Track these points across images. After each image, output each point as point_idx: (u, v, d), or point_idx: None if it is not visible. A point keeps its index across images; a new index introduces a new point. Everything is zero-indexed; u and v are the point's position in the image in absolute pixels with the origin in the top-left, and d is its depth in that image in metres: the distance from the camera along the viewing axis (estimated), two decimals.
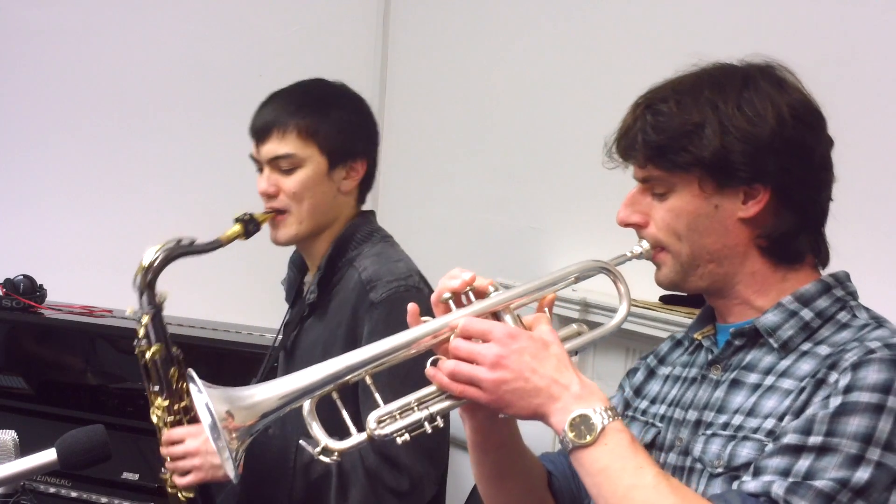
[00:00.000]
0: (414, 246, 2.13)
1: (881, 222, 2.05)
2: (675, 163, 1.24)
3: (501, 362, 1.15)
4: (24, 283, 2.77)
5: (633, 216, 1.31)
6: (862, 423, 1.10)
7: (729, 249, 1.27)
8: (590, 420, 1.13)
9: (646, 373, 1.47)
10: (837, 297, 1.27)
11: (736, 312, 1.31)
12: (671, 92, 1.26)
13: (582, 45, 2.80)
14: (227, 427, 1.13)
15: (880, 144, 2.05)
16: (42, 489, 2.48)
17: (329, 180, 1.92)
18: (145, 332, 1.84)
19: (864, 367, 1.13)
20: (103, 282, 3.03)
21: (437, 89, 3.38)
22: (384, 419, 1.19)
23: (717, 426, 1.25)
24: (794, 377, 1.21)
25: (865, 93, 2.08)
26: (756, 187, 1.24)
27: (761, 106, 1.22)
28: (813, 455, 1.10)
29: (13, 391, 2.69)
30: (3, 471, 1.35)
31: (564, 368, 1.17)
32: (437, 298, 1.25)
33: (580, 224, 2.77)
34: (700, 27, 2.42)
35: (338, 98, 1.97)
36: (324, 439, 1.17)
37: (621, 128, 1.31)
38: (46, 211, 3.22)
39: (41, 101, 3.20)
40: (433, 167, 3.40)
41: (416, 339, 1.21)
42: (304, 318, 1.98)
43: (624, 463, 1.12)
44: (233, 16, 3.39)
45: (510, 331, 1.17)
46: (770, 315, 1.26)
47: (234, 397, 1.15)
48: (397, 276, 1.87)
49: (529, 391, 1.15)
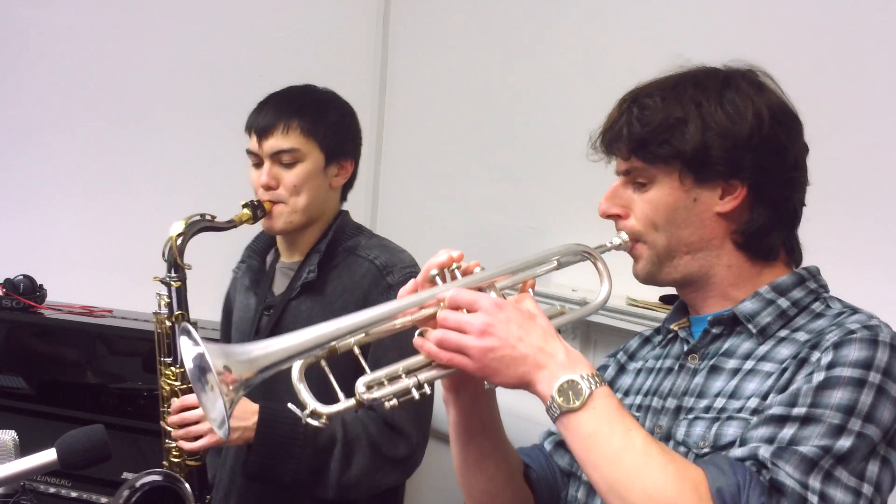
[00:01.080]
0: (414, 246, 2.15)
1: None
2: (657, 155, 1.29)
3: (489, 330, 1.18)
4: (24, 283, 2.77)
5: (614, 208, 1.36)
6: (845, 396, 1.14)
7: (705, 242, 1.31)
8: (577, 385, 1.15)
9: (616, 368, 1.51)
10: (811, 289, 1.32)
11: (710, 304, 1.35)
12: (656, 89, 1.32)
13: (582, 45, 2.80)
14: (225, 380, 1.15)
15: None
16: (42, 489, 2.48)
17: (324, 176, 2.07)
18: (168, 302, 1.97)
19: (845, 345, 1.18)
20: (103, 282, 3.04)
21: (437, 89, 3.38)
22: (373, 385, 1.21)
23: (698, 410, 1.28)
24: (774, 361, 1.24)
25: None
26: (733, 183, 1.28)
27: (742, 105, 1.27)
28: (797, 424, 1.14)
29: (13, 391, 2.69)
30: (3, 471, 1.35)
31: (550, 337, 1.20)
32: (423, 278, 1.28)
33: (580, 224, 2.76)
34: (700, 27, 2.42)
35: (331, 101, 2.13)
36: (312, 403, 1.19)
37: (607, 121, 1.36)
38: (46, 211, 3.22)
39: (41, 101, 3.20)
40: (433, 167, 3.40)
41: (404, 307, 1.24)
42: (290, 299, 2.06)
43: (612, 427, 1.14)
44: (233, 16, 3.39)
45: (497, 301, 1.21)
46: (748, 303, 1.30)
47: (230, 352, 1.18)
48: (408, 263, 2.06)
49: (516, 359, 1.18)
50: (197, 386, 1.20)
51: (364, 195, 3.58)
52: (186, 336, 1.20)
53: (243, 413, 1.86)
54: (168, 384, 1.98)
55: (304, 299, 2.05)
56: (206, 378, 1.18)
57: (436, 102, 3.39)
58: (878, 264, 2.02)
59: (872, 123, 2.05)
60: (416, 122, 3.48)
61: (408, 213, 3.48)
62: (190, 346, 1.20)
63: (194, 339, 1.19)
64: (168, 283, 1.96)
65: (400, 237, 2.15)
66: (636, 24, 2.63)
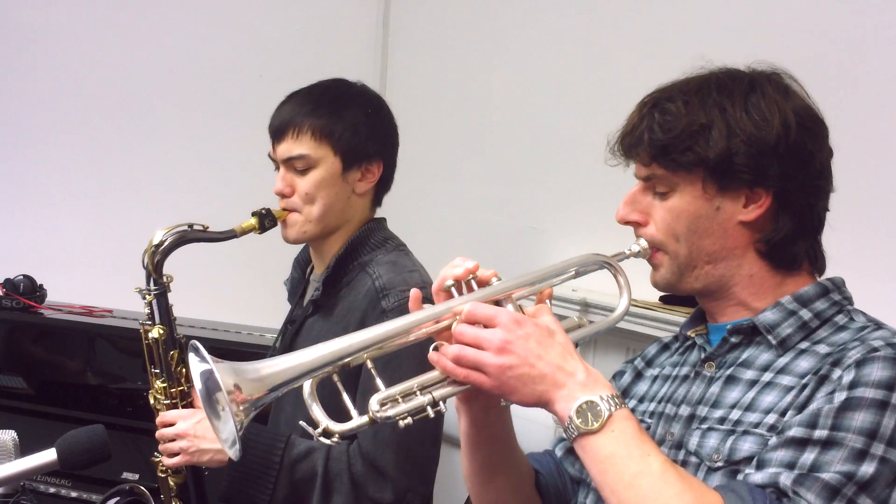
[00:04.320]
0: (414, 246, 2.13)
1: (878, 230, 2.06)
2: (680, 162, 1.25)
3: (507, 347, 1.14)
4: (24, 283, 2.77)
5: (633, 214, 1.32)
6: (867, 419, 1.11)
7: (727, 251, 1.28)
8: (597, 407, 1.12)
9: (633, 375, 1.48)
10: (835, 301, 1.28)
11: (729, 313, 1.32)
12: (679, 92, 1.27)
13: (582, 45, 2.80)
14: (235, 399, 1.11)
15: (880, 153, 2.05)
16: (42, 489, 2.48)
17: (343, 181, 1.92)
18: (149, 313, 1.87)
19: (868, 364, 1.14)
20: (103, 282, 3.04)
21: (437, 89, 3.38)
22: (386, 402, 1.18)
23: (712, 420, 1.25)
24: (793, 374, 1.21)
25: (865, 96, 2.08)
26: (758, 191, 1.25)
27: (768, 111, 1.23)
28: (818, 448, 1.11)
29: (13, 391, 2.68)
30: (3, 471, 1.35)
31: (569, 356, 1.17)
32: (438, 287, 1.25)
33: (580, 224, 2.77)
34: (699, 28, 2.42)
35: (354, 98, 1.96)
36: (324, 421, 1.16)
37: (626, 125, 1.31)
38: (46, 211, 3.22)
39: (41, 100, 3.19)
40: (433, 167, 3.40)
41: (419, 322, 1.21)
42: (306, 317, 1.98)
43: (630, 450, 1.11)
44: (233, 16, 3.39)
45: (516, 317, 1.17)
46: (769, 313, 1.27)
47: (240, 370, 1.14)
48: (411, 284, 1.85)
49: (535, 377, 1.15)
50: (206, 404, 1.16)
51: None
52: (194, 353, 1.17)
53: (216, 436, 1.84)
54: (154, 397, 1.92)
55: (317, 317, 1.96)
56: (216, 397, 1.15)
57: (436, 102, 3.38)
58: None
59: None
60: (416, 121, 3.47)
61: (408, 213, 3.48)
62: (198, 363, 1.16)
63: (202, 357, 1.15)
64: (144, 295, 1.87)
65: (400, 237, 2.12)
66: (636, 25, 2.63)
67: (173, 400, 1.90)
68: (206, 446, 1.81)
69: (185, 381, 1.90)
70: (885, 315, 1.28)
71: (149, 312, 1.88)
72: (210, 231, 1.86)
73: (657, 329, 2.30)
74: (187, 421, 1.84)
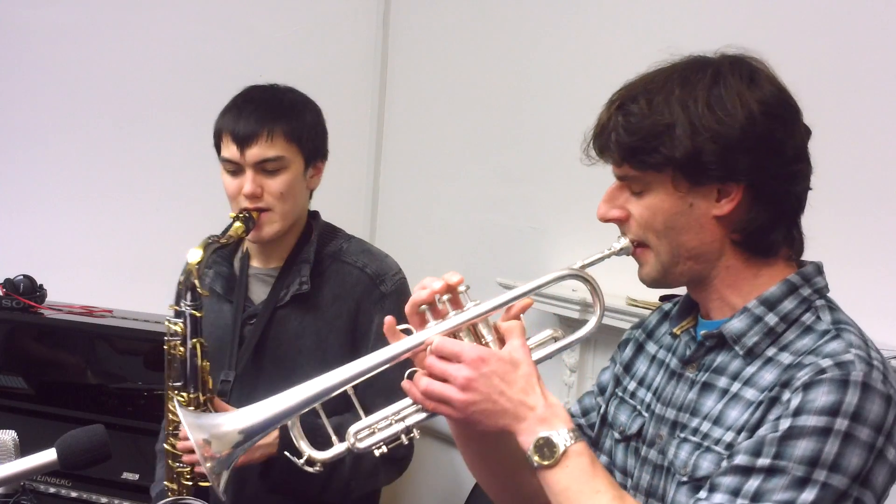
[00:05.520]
0: (414, 246, 2.15)
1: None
2: (648, 163, 1.26)
3: (471, 385, 1.21)
4: (24, 283, 2.77)
5: (612, 211, 1.34)
6: (808, 447, 1.13)
7: (706, 246, 1.29)
8: (552, 442, 1.20)
9: (634, 347, 1.50)
10: (804, 297, 1.28)
11: (714, 308, 1.34)
12: (642, 91, 1.27)
13: (582, 45, 2.80)
14: (205, 454, 1.22)
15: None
16: (42, 489, 2.48)
17: (303, 179, 2.04)
18: (182, 329, 1.89)
19: (814, 387, 1.15)
20: (103, 282, 3.05)
21: (437, 89, 3.38)
22: (362, 433, 1.28)
23: (688, 430, 1.29)
24: (756, 387, 1.23)
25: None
26: (729, 185, 1.25)
27: (731, 104, 1.22)
28: (762, 476, 1.14)
29: (13, 391, 2.69)
30: (3, 471, 1.35)
31: (531, 390, 1.23)
32: (412, 310, 1.29)
33: (580, 224, 2.76)
34: (699, 28, 2.42)
35: (305, 102, 2.08)
36: (307, 450, 1.27)
37: (597, 125, 1.33)
38: (46, 211, 3.22)
39: (41, 101, 3.20)
40: (433, 167, 3.40)
41: (396, 355, 1.28)
42: (276, 308, 2.02)
43: (582, 486, 1.19)
44: (233, 16, 3.39)
45: (481, 353, 1.23)
46: (735, 322, 1.28)
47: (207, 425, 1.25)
48: (395, 269, 2.08)
49: (497, 412, 1.22)
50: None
51: (364, 196, 3.57)
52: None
53: None
54: (172, 411, 1.92)
55: (294, 310, 2.01)
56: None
57: (436, 102, 3.38)
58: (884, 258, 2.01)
59: (880, 113, 2.03)
60: (416, 122, 3.48)
61: (408, 213, 3.48)
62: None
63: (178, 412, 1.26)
64: (183, 311, 1.89)
65: (400, 237, 2.14)
66: (636, 24, 2.63)
67: (204, 409, 1.91)
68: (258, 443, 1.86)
69: (210, 389, 1.93)
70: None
71: (182, 327, 1.89)
72: (220, 238, 1.92)
73: None
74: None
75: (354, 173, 3.55)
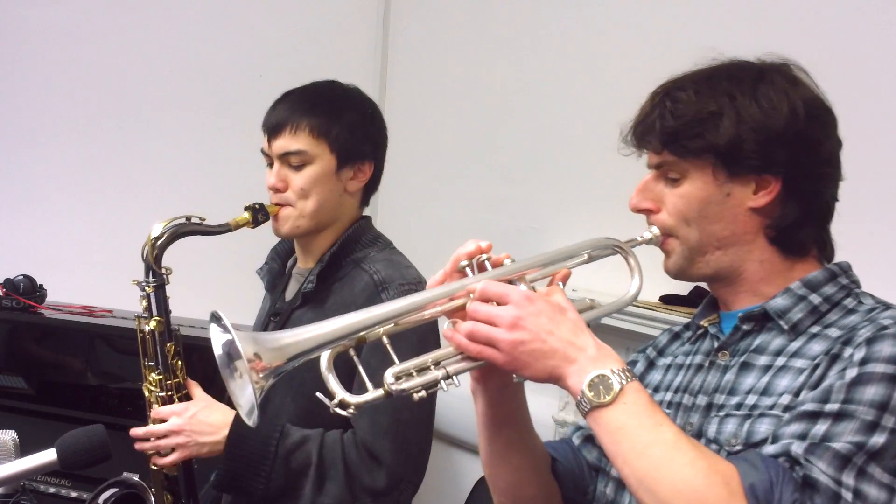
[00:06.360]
0: (414, 246, 2.14)
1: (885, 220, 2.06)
2: (690, 149, 1.28)
3: (519, 323, 1.17)
4: (24, 283, 2.77)
5: (645, 202, 1.35)
6: (878, 392, 1.12)
7: (737, 237, 1.30)
8: (608, 380, 1.15)
9: (645, 364, 1.49)
10: (843, 285, 1.30)
11: (741, 300, 1.34)
12: (689, 82, 1.30)
13: (582, 45, 2.81)
14: (255, 368, 1.14)
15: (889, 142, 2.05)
16: (42, 489, 2.48)
17: (336, 179, 1.97)
18: (146, 305, 1.90)
19: (878, 341, 1.16)
20: (103, 282, 3.04)
21: (437, 89, 3.38)
22: (401, 376, 1.19)
23: (729, 407, 1.27)
24: (806, 357, 1.23)
25: (867, 90, 2.08)
26: (766, 178, 1.27)
27: (777, 99, 1.26)
28: (830, 420, 1.13)
29: (13, 391, 2.69)
30: (3, 471, 1.35)
31: (580, 332, 1.19)
32: (453, 267, 1.28)
33: (580, 224, 2.76)
34: (699, 28, 2.42)
35: (350, 100, 2.02)
36: (340, 392, 1.17)
37: (639, 115, 1.34)
38: (46, 211, 3.22)
39: (41, 101, 3.20)
40: (433, 167, 3.40)
41: (434, 298, 1.24)
42: (293, 310, 2.01)
43: (642, 421, 1.13)
44: (233, 16, 3.39)
45: (527, 294, 1.20)
46: (779, 299, 1.29)
47: (260, 339, 1.18)
48: (409, 280, 1.94)
49: (546, 352, 1.17)
50: (225, 372, 1.19)
51: None
52: (216, 323, 1.19)
53: (213, 427, 1.84)
54: (148, 389, 1.92)
55: (307, 310, 1.99)
56: (235, 365, 1.17)
57: (436, 102, 3.39)
58: None
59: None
60: (416, 121, 3.48)
61: (408, 213, 3.48)
62: (219, 332, 1.19)
63: (223, 326, 1.18)
64: (143, 287, 1.89)
65: (400, 237, 2.13)
66: (635, 25, 2.63)
67: (168, 392, 1.90)
68: (204, 439, 1.84)
69: (180, 373, 1.92)
70: (892, 298, 1.29)
71: (146, 305, 1.90)
72: (206, 224, 1.91)
73: (657, 329, 2.30)
74: (182, 416, 1.86)
75: None
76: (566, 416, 2.71)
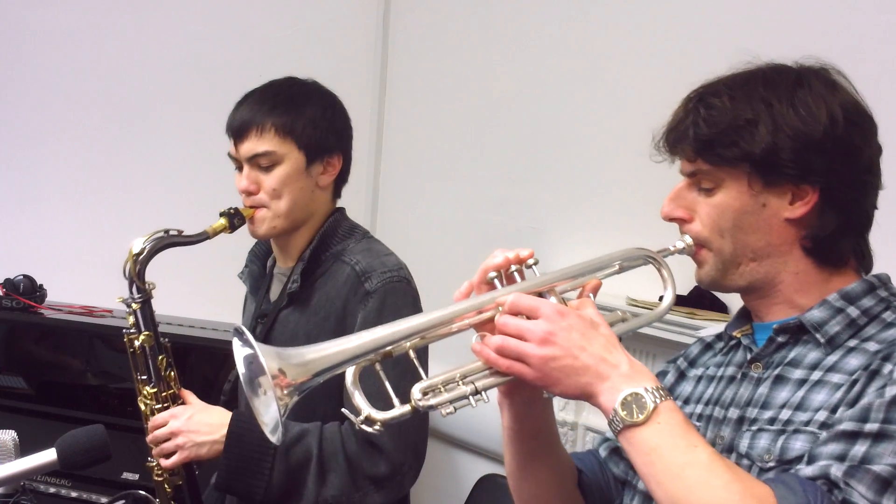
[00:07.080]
0: (414, 246, 2.14)
1: None
2: (725, 157, 1.24)
3: (550, 339, 1.14)
4: (24, 283, 2.77)
5: (678, 211, 1.31)
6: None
7: (772, 248, 1.26)
8: (642, 399, 1.11)
9: (676, 375, 1.46)
10: (882, 297, 1.26)
11: (775, 311, 1.30)
12: (724, 87, 1.26)
13: (582, 45, 2.81)
14: (279, 384, 1.12)
15: None
16: (42, 489, 2.48)
17: (307, 176, 1.97)
18: (134, 321, 1.91)
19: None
20: (103, 282, 3.03)
21: (437, 89, 3.38)
22: (428, 391, 1.17)
23: (762, 421, 1.23)
24: (843, 371, 1.19)
25: None
26: (804, 188, 1.23)
27: (814, 105, 1.22)
28: (869, 441, 1.09)
29: (13, 391, 2.69)
30: (3, 471, 1.35)
31: (613, 348, 1.16)
32: (480, 279, 1.25)
33: (580, 224, 2.77)
34: (698, 28, 2.42)
35: (310, 96, 2.01)
36: (366, 408, 1.15)
37: (672, 121, 1.30)
38: (46, 211, 3.22)
39: (41, 101, 3.20)
40: (433, 167, 3.40)
41: (463, 311, 1.21)
42: (279, 311, 2.01)
43: (676, 441, 1.10)
44: (233, 16, 3.39)
45: (559, 308, 1.17)
46: (816, 311, 1.25)
47: (285, 355, 1.15)
48: (390, 267, 1.94)
49: (578, 369, 1.14)
50: (248, 389, 1.16)
51: (364, 195, 3.58)
52: (238, 337, 1.17)
53: (211, 427, 1.85)
54: (144, 403, 1.93)
55: (292, 310, 1.99)
56: (259, 381, 1.15)
57: (436, 102, 3.39)
58: None
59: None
60: (416, 122, 3.48)
61: (408, 213, 3.49)
62: (240, 346, 1.17)
63: (246, 341, 1.15)
64: (129, 304, 1.90)
65: (400, 237, 2.13)
66: (635, 26, 2.63)
67: (164, 403, 1.91)
68: (201, 439, 1.85)
69: (174, 384, 1.93)
70: None
71: (133, 321, 1.91)
72: (185, 235, 1.91)
73: (657, 329, 2.30)
74: (179, 418, 1.87)
75: (354, 173, 3.52)
76: (566, 416, 2.71)
